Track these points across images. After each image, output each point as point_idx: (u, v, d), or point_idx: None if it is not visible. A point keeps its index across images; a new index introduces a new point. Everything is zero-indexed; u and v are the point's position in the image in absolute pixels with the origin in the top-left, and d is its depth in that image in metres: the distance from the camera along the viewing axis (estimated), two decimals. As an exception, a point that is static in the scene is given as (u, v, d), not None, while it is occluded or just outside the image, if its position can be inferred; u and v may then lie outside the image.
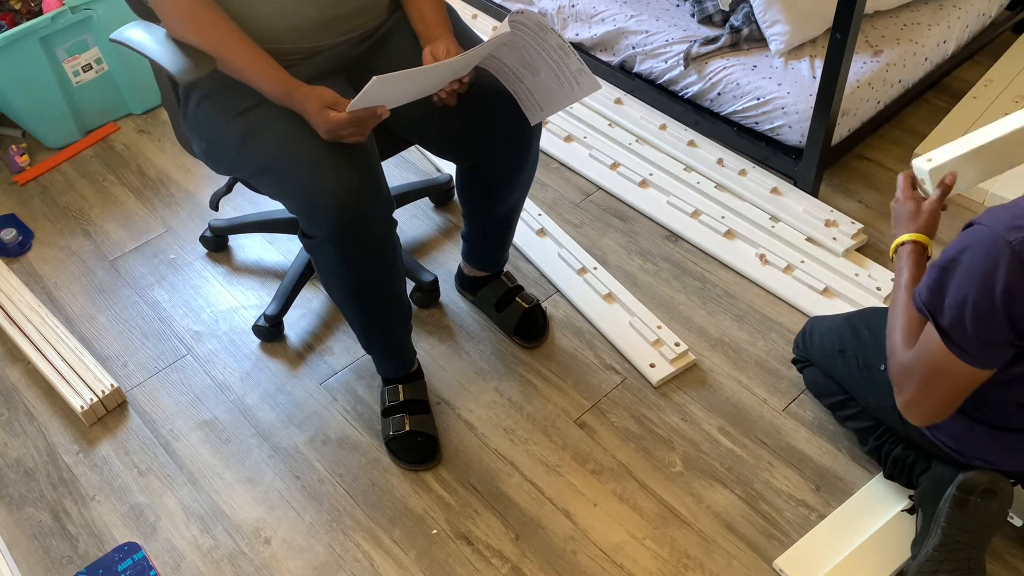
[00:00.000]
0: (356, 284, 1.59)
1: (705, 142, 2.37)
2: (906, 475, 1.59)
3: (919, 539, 1.51)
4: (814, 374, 1.77)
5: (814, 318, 1.80)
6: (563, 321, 2.01)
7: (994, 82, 2.47)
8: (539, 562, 1.62)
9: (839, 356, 1.65)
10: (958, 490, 1.40)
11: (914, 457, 1.56)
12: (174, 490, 1.76)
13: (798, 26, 2.24)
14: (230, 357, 1.99)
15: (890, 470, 1.61)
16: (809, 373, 1.79)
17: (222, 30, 1.46)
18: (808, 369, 1.79)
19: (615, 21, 2.50)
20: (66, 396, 1.88)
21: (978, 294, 1.18)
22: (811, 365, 1.77)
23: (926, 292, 1.26)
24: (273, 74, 1.47)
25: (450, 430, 1.82)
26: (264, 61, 1.48)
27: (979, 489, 1.39)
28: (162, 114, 2.61)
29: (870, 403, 1.61)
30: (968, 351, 1.23)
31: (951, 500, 1.41)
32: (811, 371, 1.78)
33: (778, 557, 1.59)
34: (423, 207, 2.29)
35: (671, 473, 1.74)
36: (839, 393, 1.70)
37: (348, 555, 1.65)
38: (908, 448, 1.58)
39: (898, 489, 1.66)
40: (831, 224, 2.13)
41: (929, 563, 1.44)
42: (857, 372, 1.61)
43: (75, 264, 2.20)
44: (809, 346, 1.75)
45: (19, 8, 2.44)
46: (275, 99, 1.49)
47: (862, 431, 1.68)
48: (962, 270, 1.20)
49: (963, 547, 1.42)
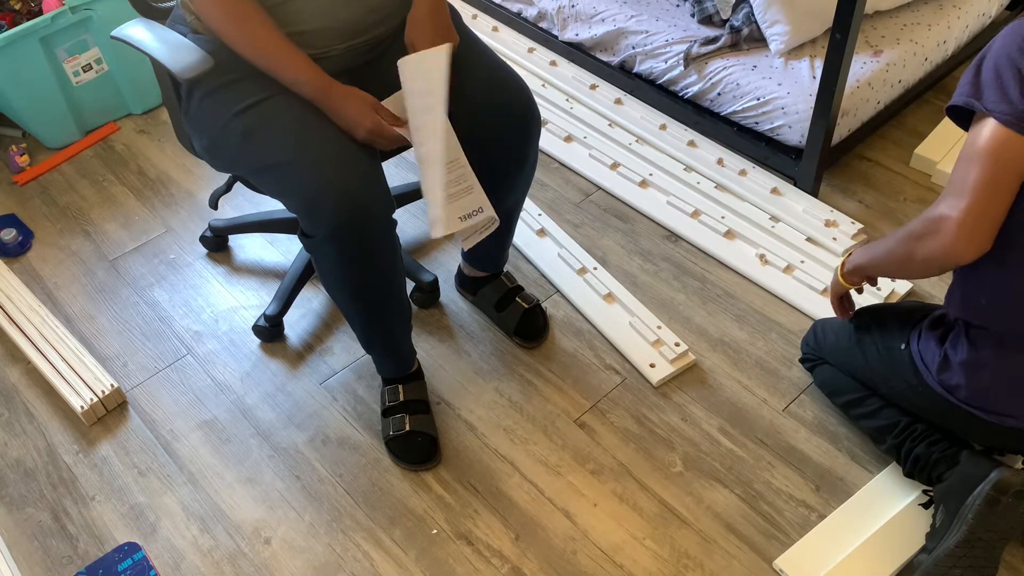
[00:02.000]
0: (356, 284, 1.59)
1: (705, 142, 2.38)
2: (927, 473, 1.57)
3: (936, 533, 1.51)
4: (827, 372, 1.76)
5: (822, 319, 1.80)
6: (563, 321, 2.01)
7: None
8: (539, 562, 1.62)
9: (856, 347, 1.65)
10: (992, 489, 1.41)
11: (937, 455, 1.55)
12: (174, 490, 1.76)
13: (798, 26, 2.24)
14: (230, 357, 1.99)
15: (910, 468, 1.60)
16: (821, 372, 1.78)
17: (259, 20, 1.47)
18: (820, 368, 1.78)
19: (615, 21, 2.50)
20: (66, 396, 1.88)
21: (1012, 55, 1.25)
22: (822, 364, 1.77)
23: (964, 88, 1.31)
24: (310, 69, 1.48)
25: (450, 430, 1.82)
26: (300, 55, 1.48)
27: (1013, 489, 1.40)
28: (162, 114, 2.61)
29: (893, 387, 1.59)
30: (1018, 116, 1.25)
31: (984, 498, 1.41)
32: (824, 369, 1.77)
33: (778, 557, 1.59)
34: (423, 207, 2.29)
35: (671, 473, 1.74)
36: (855, 390, 1.68)
37: (348, 555, 1.65)
38: (932, 445, 1.56)
39: (898, 488, 1.66)
40: (831, 224, 2.13)
41: (948, 558, 1.44)
42: (877, 357, 1.60)
43: (75, 264, 2.20)
44: (823, 343, 1.75)
45: (19, 8, 2.44)
46: (310, 94, 1.49)
47: (879, 429, 1.66)
48: (991, 54, 1.29)
49: (985, 545, 1.43)
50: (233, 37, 1.48)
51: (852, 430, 1.78)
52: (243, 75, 1.53)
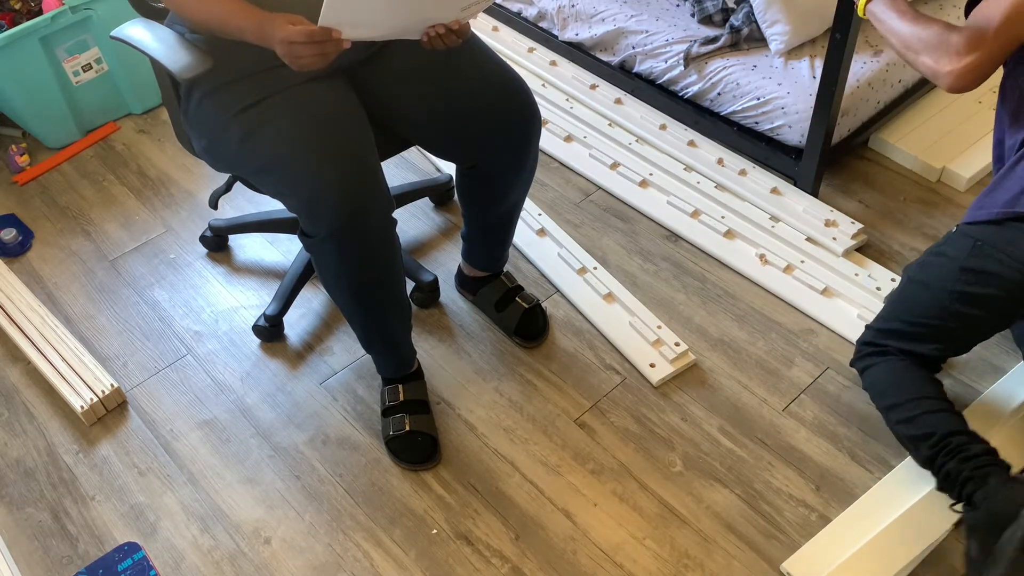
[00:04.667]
0: (356, 284, 1.59)
1: (705, 142, 2.37)
2: (957, 490, 1.55)
3: (974, 565, 1.48)
4: (880, 372, 1.68)
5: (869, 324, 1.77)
6: (563, 321, 2.01)
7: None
8: (539, 562, 1.62)
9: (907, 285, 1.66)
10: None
11: (968, 473, 1.52)
12: (174, 490, 1.76)
13: (798, 26, 2.24)
14: (230, 357, 1.99)
15: (941, 483, 1.58)
16: (874, 372, 1.69)
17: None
18: (875, 368, 1.69)
19: (615, 21, 2.50)
20: (66, 396, 1.88)
21: None
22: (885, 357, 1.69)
23: None
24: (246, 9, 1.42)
25: (450, 430, 1.82)
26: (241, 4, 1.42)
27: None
28: (162, 114, 2.61)
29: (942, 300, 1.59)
30: None
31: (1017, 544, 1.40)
32: (877, 369, 1.69)
33: (785, 560, 1.59)
34: (423, 207, 2.29)
35: (671, 473, 1.74)
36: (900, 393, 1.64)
37: (348, 555, 1.65)
38: (964, 462, 1.54)
39: (905, 491, 1.65)
40: (831, 224, 2.13)
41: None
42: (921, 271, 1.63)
43: (75, 264, 2.20)
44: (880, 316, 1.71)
45: (19, 8, 2.44)
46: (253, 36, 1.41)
47: (916, 438, 1.61)
48: None
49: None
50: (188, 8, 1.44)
51: (852, 430, 1.78)
52: (242, 76, 1.53)
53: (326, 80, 1.58)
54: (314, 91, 1.54)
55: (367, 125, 1.58)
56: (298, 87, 1.53)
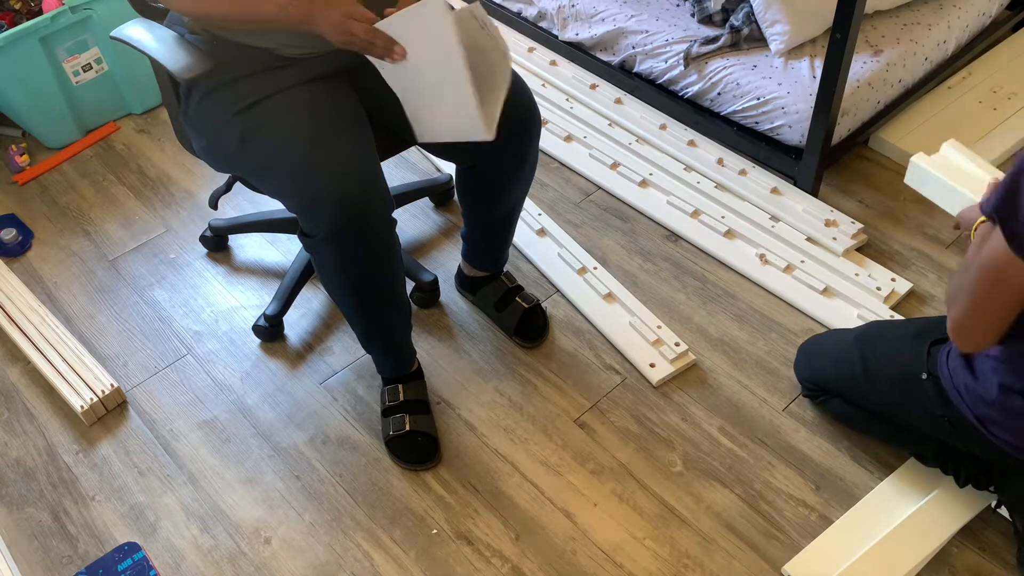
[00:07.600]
0: (356, 283, 1.59)
1: (705, 142, 2.37)
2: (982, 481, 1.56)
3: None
4: (841, 407, 1.72)
5: (804, 344, 1.78)
6: (563, 321, 2.01)
7: (973, 74, 2.50)
8: (539, 562, 1.62)
9: (864, 379, 1.59)
10: None
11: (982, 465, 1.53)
12: (174, 490, 1.76)
13: (798, 26, 2.24)
14: (230, 357, 1.99)
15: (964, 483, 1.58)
16: (834, 406, 1.73)
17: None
18: (833, 402, 1.73)
19: (615, 21, 2.50)
20: (66, 396, 1.88)
21: None
22: (831, 397, 1.72)
23: (996, 198, 1.20)
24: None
25: (450, 430, 1.82)
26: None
27: None
28: (162, 114, 2.61)
29: (913, 420, 1.55)
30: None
31: None
32: (837, 404, 1.72)
33: (786, 563, 1.59)
34: (423, 207, 2.29)
35: (671, 473, 1.74)
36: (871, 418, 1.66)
37: (348, 555, 1.65)
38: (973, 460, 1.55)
39: (907, 492, 1.65)
40: (831, 224, 2.13)
41: None
42: (891, 391, 1.55)
43: (75, 264, 2.20)
44: (819, 371, 1.71)
45: (19, 8, 2.44)
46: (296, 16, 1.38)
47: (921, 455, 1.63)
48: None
49: None
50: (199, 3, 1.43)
51: (852, 430, 1.78)
52: (241, 75, 1.53)
53: (326, 80, 1.58)
54: (314, 91, 1.54)
55: (367, 125, 1.58)
56: (298, 87, 1.53)
